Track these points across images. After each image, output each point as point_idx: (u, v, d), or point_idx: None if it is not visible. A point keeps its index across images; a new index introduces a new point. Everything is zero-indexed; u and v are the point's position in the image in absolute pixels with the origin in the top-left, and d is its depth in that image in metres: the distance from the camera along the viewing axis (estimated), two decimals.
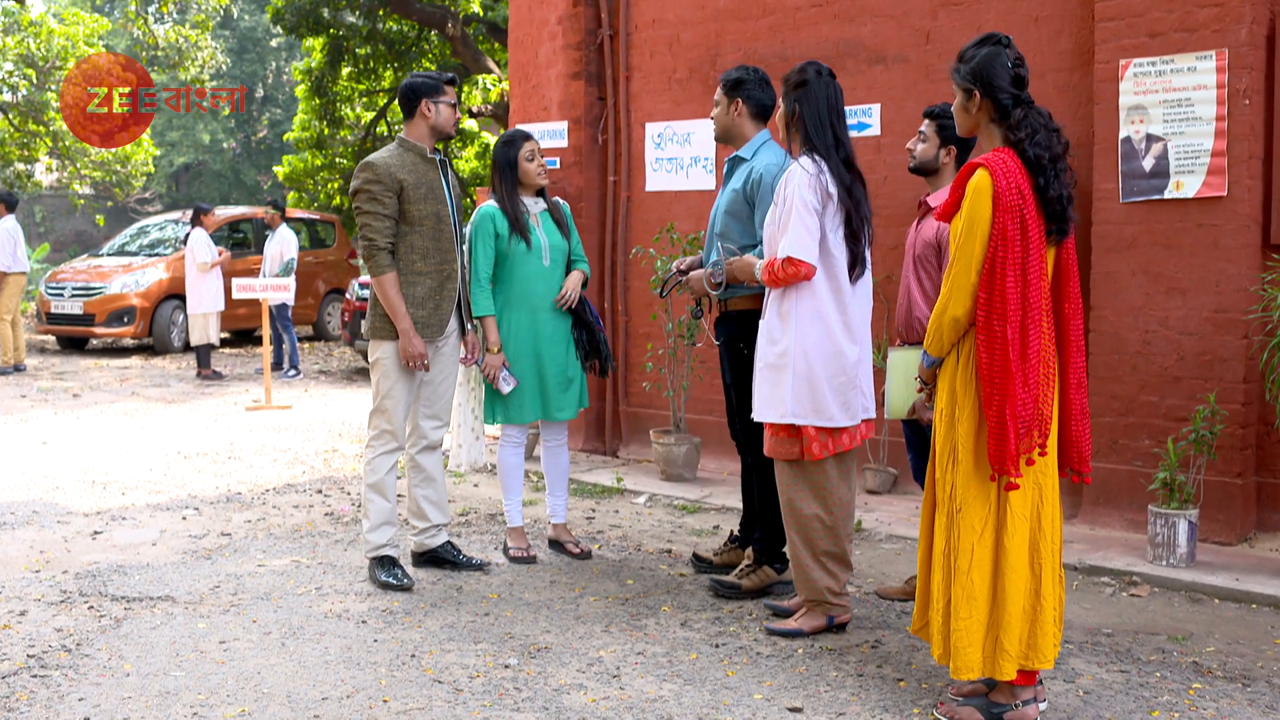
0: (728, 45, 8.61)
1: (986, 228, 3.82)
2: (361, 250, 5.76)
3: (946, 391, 4.01)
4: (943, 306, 3.93)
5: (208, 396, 13.07)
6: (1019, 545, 3.93)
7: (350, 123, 25.63)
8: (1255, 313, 6.34)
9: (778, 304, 4.90)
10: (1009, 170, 3.83)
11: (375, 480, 5.84)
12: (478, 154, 25.27)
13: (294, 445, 9.98)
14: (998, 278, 3.80)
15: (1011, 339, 3.78)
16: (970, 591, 3.94)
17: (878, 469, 7.79)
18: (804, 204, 4.78)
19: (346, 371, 15.53)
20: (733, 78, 5.67)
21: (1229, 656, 4.94)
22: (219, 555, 6.39)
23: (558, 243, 6.23)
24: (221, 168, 42.01)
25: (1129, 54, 6.67)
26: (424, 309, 5.79)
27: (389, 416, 5.81)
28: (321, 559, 6.31)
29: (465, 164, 25.30)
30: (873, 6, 7.87)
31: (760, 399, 4.93)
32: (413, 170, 5.77)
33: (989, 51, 3.99)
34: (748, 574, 5.64)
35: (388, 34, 22.57)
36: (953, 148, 5.34)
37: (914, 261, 5.34)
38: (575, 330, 6.25)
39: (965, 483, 3.94)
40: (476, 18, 21.13)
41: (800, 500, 4.95)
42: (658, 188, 9.06)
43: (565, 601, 5.57)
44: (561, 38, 9.33)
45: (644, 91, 9.13)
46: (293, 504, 7.70)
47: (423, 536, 6.10)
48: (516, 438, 6.35)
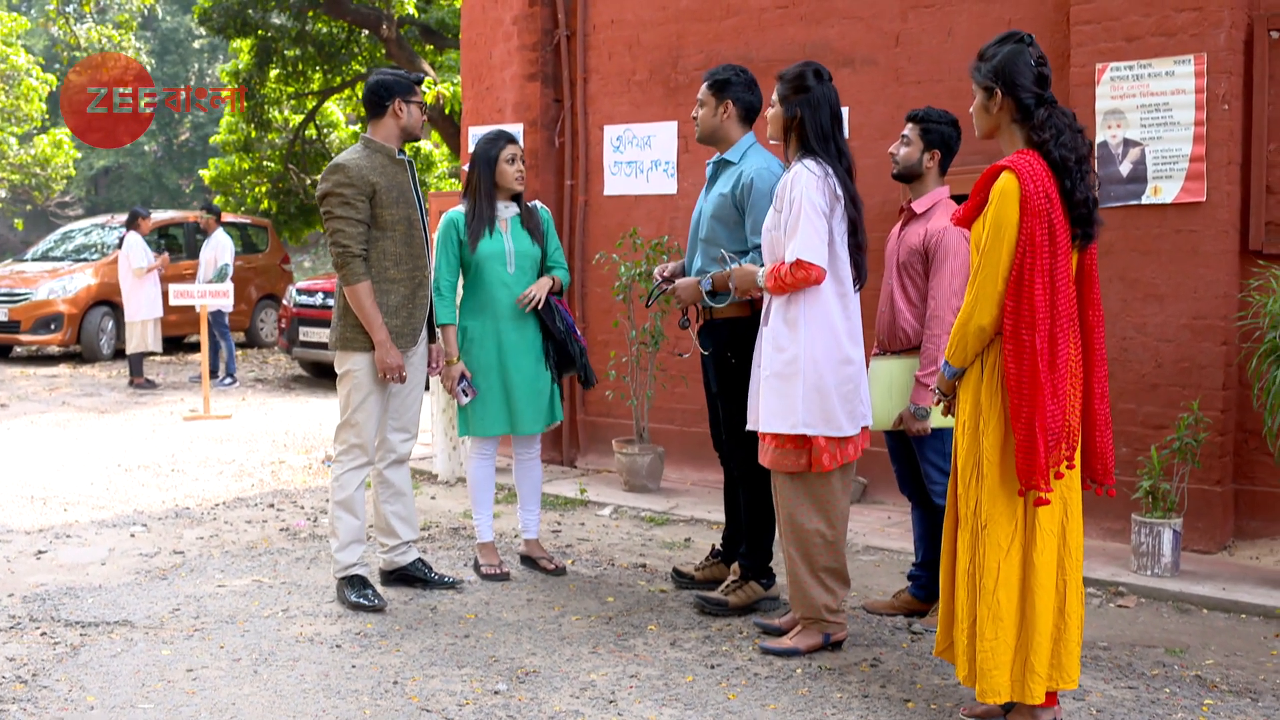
0: (690, 47, 8.45)
1: (1014, 233, 3.68)
2: (334, 258, 5.50)
3: (970, 404, 3.86)
4: (967, 315, 3.78)
5: (142, 406, 12.66)
6: (1047, 562, 3.79)
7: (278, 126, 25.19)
8: (1234, 319, 6.29)
9: (783, 311, 4.72)
10: (1035, 173, 3.69)
11: (344, 497, 5.59)
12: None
13: (238, 456, 9.66)
14: (1026, 285, 3.66)
15: (1040, 348, 3.65)
16: (996, 611, 3.80)
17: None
18: (813, 206, 4.61)
19: (284, 379, 15.15)
20: (721, 78, 5.50)
21: (1229, 669, 4.85)
22: (175, 575, 6.09)
23: (525, 249, 6.01)
24: (143, 171, 41.13)
25: (1105, 58, 6.60)
26: (398, 318, 5.55)
27: (359, 430, 5.56)
28: (284, 578, 6.04)
29: None
30: (841, 8, 7.75)
31: (768, 409, 4.74)
32: (383, 172, 5.54)
33: (1011, 49, 3.86)
34: (734, 590, 5.46)
35: (317, 36, 22.15)
36: (937, 152, 5.21)
37: (897, 268, 5.20)
38: (544, 342, 6.04)
39: (991, 498, 3.79)
40: (411, 19, 20.80)
41: (801, 514, 4.79)
42: (616, 192, 8.87)
43: (546, 621, 5.36)
44: (517, 38, 9.12)
45: (602, 93, 8.94)
46: (245, 519, 7.40)
47: (392, 554, 5.86)
48: (485, 450, 6.13)
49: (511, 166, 5.98)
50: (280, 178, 24.40)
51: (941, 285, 5.00)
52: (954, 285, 5.01)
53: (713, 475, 8.34)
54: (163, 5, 39.44)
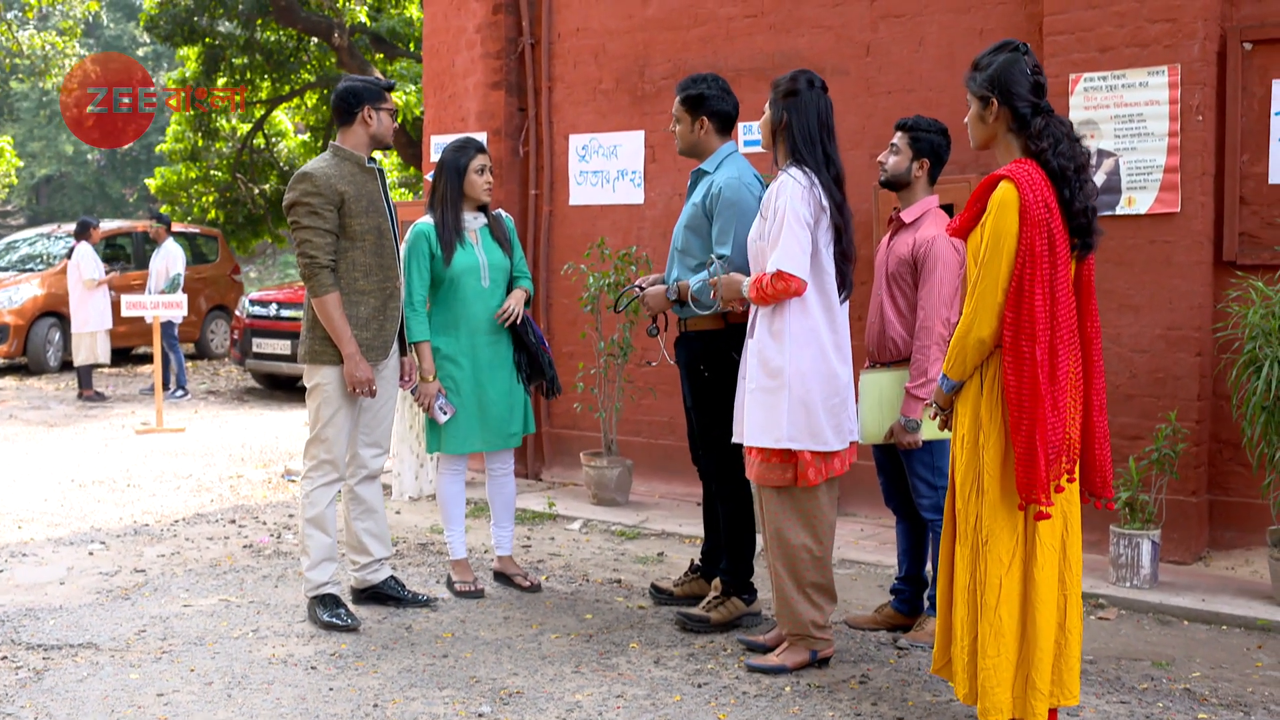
0: (657, 56, 8.37)
1: (1013, 244, 3.63)
2: (301, 269, 5.36)
3: (969, 417, 3.80)
4: (966, 328, 3.72)
5: (92, 419, 12.40)
6: (1048, 578, 3.73)
7: (226, 134, 24.89)
8: (1208, 330, 6.30)
9: (768, 323, 4.64)
10: (1034, 182, 3.64)
11: (315, 514, 5.45)
12: None
13: (195, 471, 9.46)
14: (1026, 296, 3.60)
15: (1041, 360, 3.59)
16: (999, 628, 3.73)
17: None
18: (796, 216, 4.54)
19: (236, 391, 14.91)
20: (693, 94, 5.41)
21: (1217, 682, 4.82)
22: (138, 595, 5.92)
23: (498, 261, 5.90)
24: (85, 180, 40.52)
25: (1079, 68, 6.59)
26: (368, 330, 5.43)
27: (329, 446, 5.42)
28: (251, 597, 5.89)
29: None
30: (810, 18, 7.70)
31: (752, 423, 4.66)
32: (352, 181, 5.41)
33: (1007, 58, 3.81)
34: (716, 606, 5.37)
35: (265, 44, 21.90)
36: (926, 161, 5.16)
37: (886, 279, 5.13)
38: (516, 353, 5.93)
39: (992, 513, 3.73)
40: (362, 28, 20.59)
41: (788, 529, 4.71)
42: (582, 202, 8.78)
43: (525, 640, 5.25)
44: (480, 46, 9.00)
45: (567, 102, 8.84)
46: (206, 536, 7.22)
47: (364, 572, 5.72)
48: (457, 466, 6.00)
49: (481, 177, 5.87)
50: (228, 187, 24.11)
51: (931, 295, 4.95)
52: (943, 295, 4.95)
53: (681, 488, 8.26)
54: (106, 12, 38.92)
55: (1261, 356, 5.60)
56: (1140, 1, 6.42)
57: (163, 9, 20.82)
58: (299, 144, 24.79)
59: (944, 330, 4.96)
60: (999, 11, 7.03)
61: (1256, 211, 6.35)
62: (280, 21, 19.83)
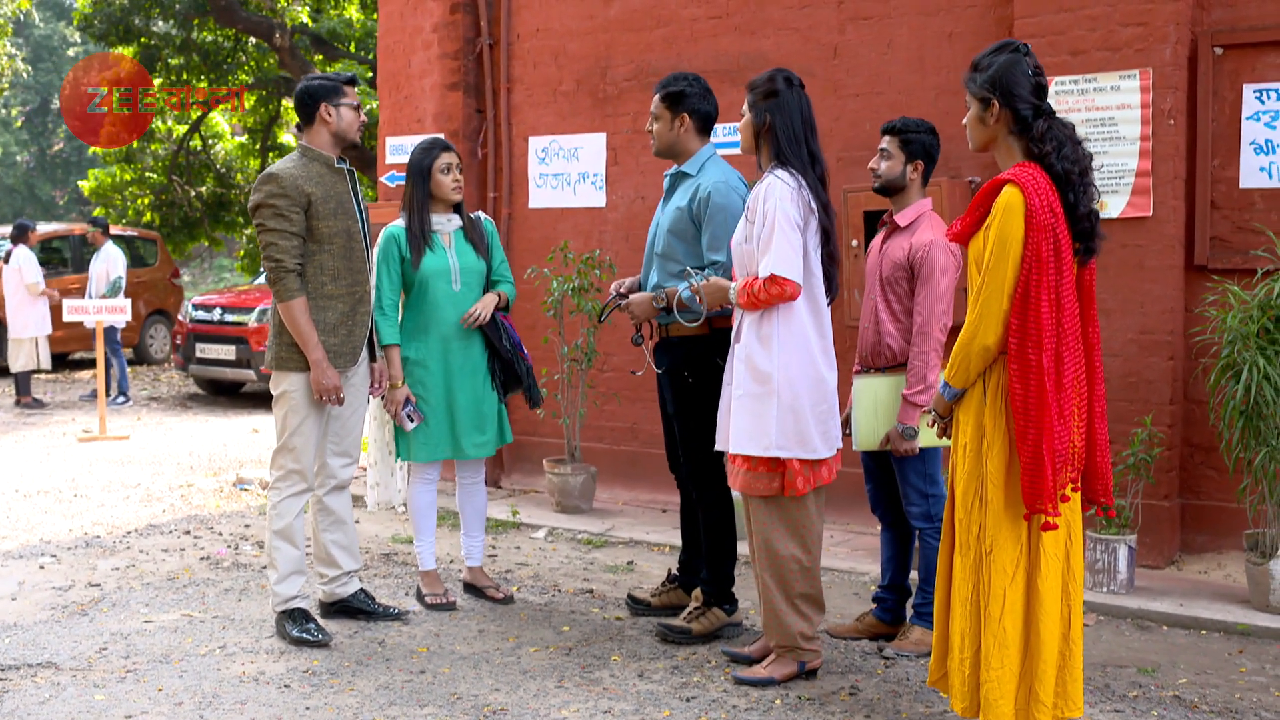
0: (619, 57, 8.26)
1: (1019, 249, 3.55)
2: (267, 273, 5.19)
3: (972, 425, 3.72)
4: (970, 334, 3.64)
5: (31, 426, 12.07)
6: (1052, 588, 3.66)
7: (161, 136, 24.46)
8: (1181, 334, 6.29)
9: (756, 328, 4.54)
10: (1039, 187, 3.57)
11: (282, 526, 5.28)
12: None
13: (143, 480, 9.20)
14: (1032, 302, 3.53)
15: (1048, 367, 3.52)
16: (1002, 640, 3.66)
17: None
18: (787, 219, 4.45)
19: (179, 398, 14.59)
20: (674, 90, 5.31)
21: (1205, 689, 4.79)
22: (95, 611, 5.71)
23: (471, 264, 5.76)
24: (14, 182, 39.69)
25: (1050, 72, 6.54)
26: (336, 336, 5.27)
27: (297, 455, 5.26)
28: (215, 611, 5.70)
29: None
30: (776, 20, 7.62)
31: (739, 430, 4.56)
32: (320, 182, 5.25)
33: (1007, 59, 3.74)
34: (697, 617, 5.26)
35: (202, 43, 21.55)
36: (920, 163, 5.09)
37: (880, 283, 5.05)
38: (489, 360, 5.80)
39: (995, 523, 3.66)
40: (303, 29, 20.30)
41: (777, 540, 4.61)
42: (542, 204, 8.64)
43: (503, 654, 5.11)
44: (437, 46, 8.84)
45: (527, 104, 8.71)
46: (161, 548, 7.01)
47: (333, 585, 5.55)
48: (428, 475, 5.86)
49: (447, 176, 5.73)
50: (164, 189, 23.71)
51: (929, 301, 4.87)
52: (941, 301, 4.88)
53: (645, 494, 8.16)
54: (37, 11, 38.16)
55: (1240, 361, 5.58)
56: (1112, 5, 6.40)
57: (97, 8, 20.42)
58: (236, 146, 24.42)
59: (942, 336, 4.90)
60: (968, 14, 6.99)
61: (1227, 216, 6.35)
62: (220, 22, 19.50)
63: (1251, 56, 6.30)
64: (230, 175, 24.56)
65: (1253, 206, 6.32)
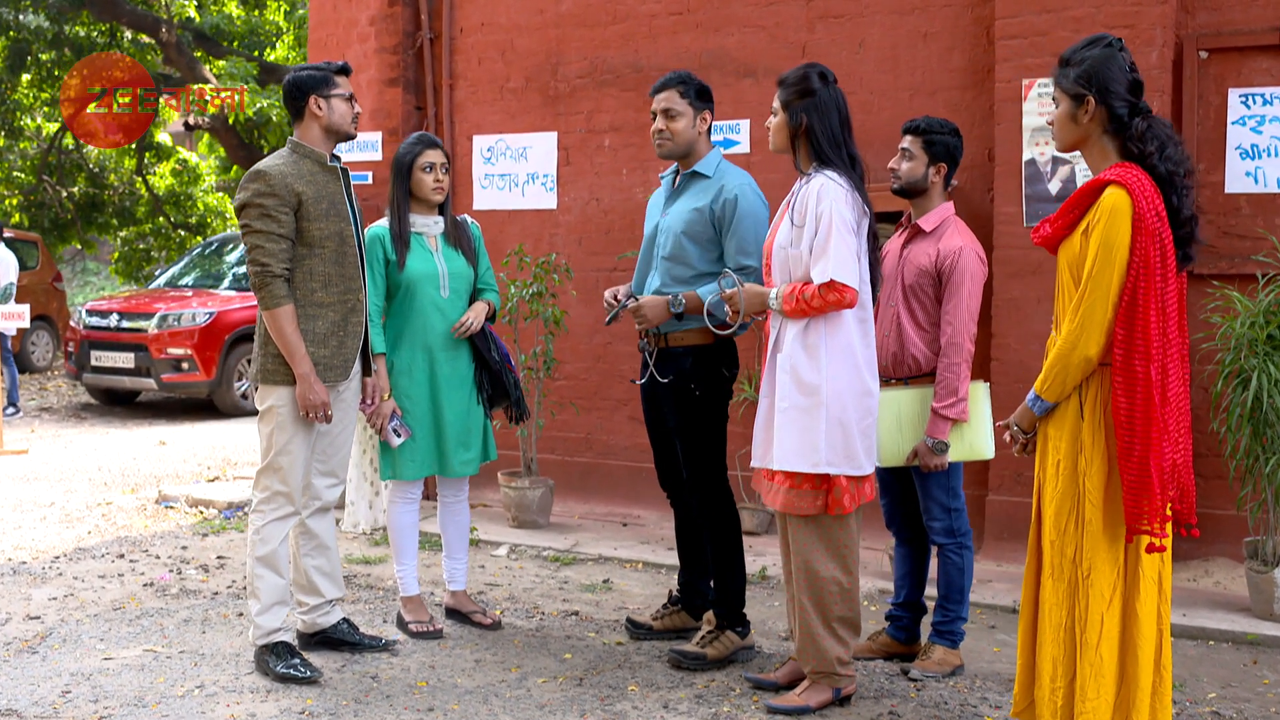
0: (572, 53, 7.96)
1: (1126, 255, 3.36)
2: (252, 278, 4.78)
3: (1066, 442, 3.51)
4: (1071, 345, 3.43)
5: None
6: (1150, 612, 3.48)
7: (30, 134, 23.40)
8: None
9: (801, 337, 4.29)
10: (1145, 189, 3.38)
11: (266, 552, 4.87)
12: (174, 170, 23.53)
13: (56, 499, 8.61)
14: (1139, 311, 3.34)
15: (1155, 380, 3.33)
16: (1099, 668, 3.46)
17: (754, 509, 7.28)
18: (844, 222, 4.21)
19: (72, 408, 13.81)
20: (691, 84, 5.03)
21: (1237, 703, 4.70)
22: (45, 648, 5.23)
23: (459, 269, 5.42)
24: None
25: (1032, 74, 6.45)
26: (326, 348, 4.88)
27: (284, 476, 4.86)
28: (180, 645, 5.26)
29: (161, 180, 23.53)
30: (740, 17, 7.40)
31: (785, 446, 4.29)
32: (311, 181, 4.85)
33: (1102, 53, 3.55)
34: (710, 642, 4.99)
35: (75, 38, 20.62)
36: (943, 165, 4.88)
37: (904, 291, 4.83)
38: (477, 372, 5.46)
39: (1093, 545, 3.46)
40: (188, 24, 19.53)
41: (818, 561, 4.37)
42: (488, 206, 8.30)
43: (510, 686, 4.78)
44: (374, 40, 8.44)
45: (471, 101, 8.35)
46: (97, 574, 6.50)
47: (314, 614, 5.16)
48: (410, 494, 5.50)
49: (429, 175, 5.38)
50: (33, 190, 22.70)
51: (959, 310, 4.68)
52: (972, 309, 4.70)
53: (600, 507, 7.88)
54: None
55: (1248, 368, 5.51)
56: (1096, 7, 6.32)
57: None
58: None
59: (972, 346, 4.71)
60: (945, 14, 6.85)
61: (1213, 220, 6.30)
62: (101, 16, 18.65)
63: (1237, 61, 6.27)
64: (103, 175, 23.65)
65: (1238, 211, 6.28)
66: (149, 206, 23.24)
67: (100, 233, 23.99)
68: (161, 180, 23.57)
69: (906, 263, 4.85)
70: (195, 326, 12.70)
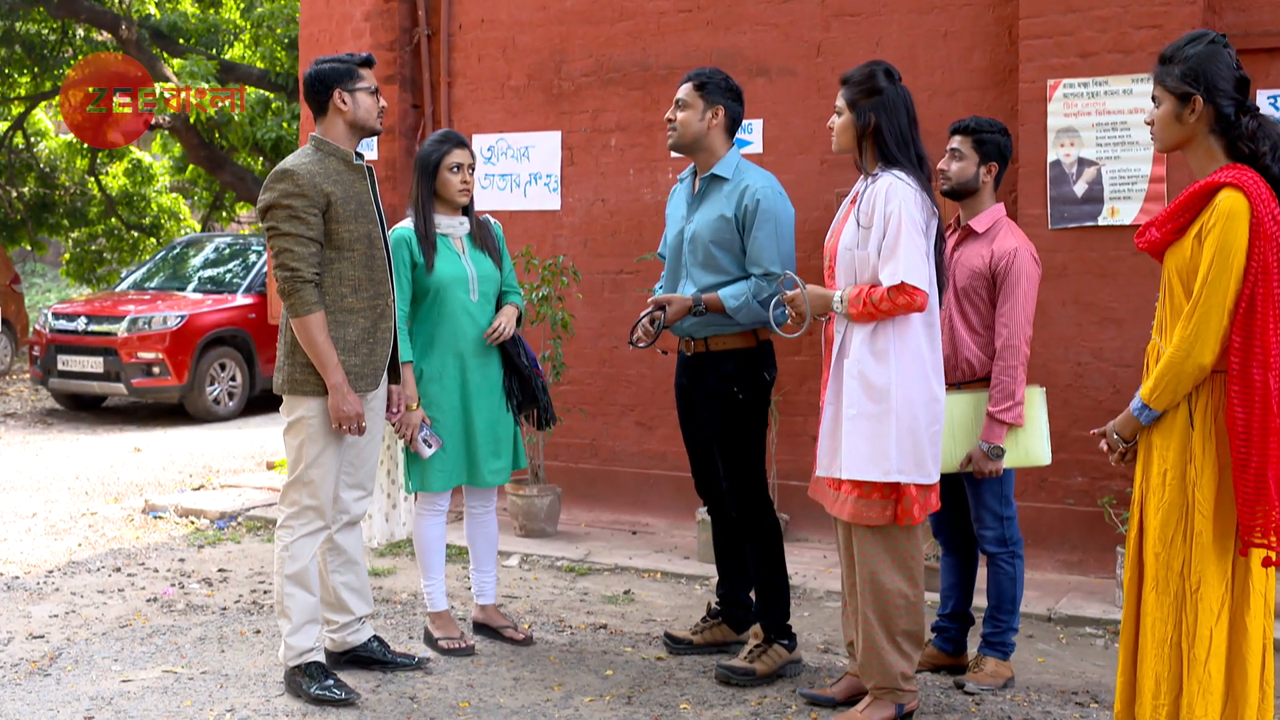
0: (576, 51, 7.78)
1: (1243, 260, 3.24)
2: (279, 283, 4.57)
3: (1174, 451, 3.39)
4: (1184, 352, 3.31)
5: None
6: (1259, 628, 3.37)
7: None
8: None
9: (869, 342, 4.15)
10: (1261, 193, 3.27)
11: (296, 570, 4.67)
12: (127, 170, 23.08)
13: (38, 509, 8.32)
14: (1258, 318, 3.23)
15: (1274, 389, 3.22)
16: (1207, 685, 3.35)
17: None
18: (913, 223, 4.07)
19: (37, 414, 13.42)
20: (711, 80, 4.88)
21: None
22: (58, 670, 4.99)
23: (488, 272, 5.25)
24: None
25: (1057, 74, 6.36)
26: (356, 356, 4.67)
27: (314, 490, 4.65)
28: (200, 666, 5.04)
29: (114, 180, 23.08)
30: (753, 14, 7.25)
31: (855, 454, 4.14)
32: (339, 180, 4.65)
33: (1207, 50, 3.42)
34: (758, 656, 4.85)
35: (26, 35, 20.14)
36: (994, 165, 4.77)
37: (956, 294, 4.71)
38: (507, 378, 5.28)
39: (1202, 557, 3.34)
40: (147, 22, 19.12)
41: (883, 573, 4.23)
42: (488, 207, 8.08)
43: (556, 705, 4.61)
44: (369, 36, 8.22)
45: (470, 99, 8.15)
46: (96, 589, 6.25)
47: (343, 633, 4.96)
48: (438, 506, 5.31)
49: (455, 175, 5.19)
50: None
51: (1015, 313, 4.56)
52: (1028, 312, 4.59)
53: (607, 515, 7.72)
54: None
55: None
56: (1124, 7, 6.23)
57: None
58: (62, 144, 22.95)
59: (1028, 350, 4.60)
60: (965, 13, 6.74)
61: None
62: (58, 13, 18.22)
63: (1265, 61, 6.19)
64: (54, 175, 23.12)
65: None
66: (101, 207, 22.77)
67: (51, 234, 23.48)
68: (114, 180, 23.11)
69: (958, 265, 4.73)
70: (167, 330, 12.39)
